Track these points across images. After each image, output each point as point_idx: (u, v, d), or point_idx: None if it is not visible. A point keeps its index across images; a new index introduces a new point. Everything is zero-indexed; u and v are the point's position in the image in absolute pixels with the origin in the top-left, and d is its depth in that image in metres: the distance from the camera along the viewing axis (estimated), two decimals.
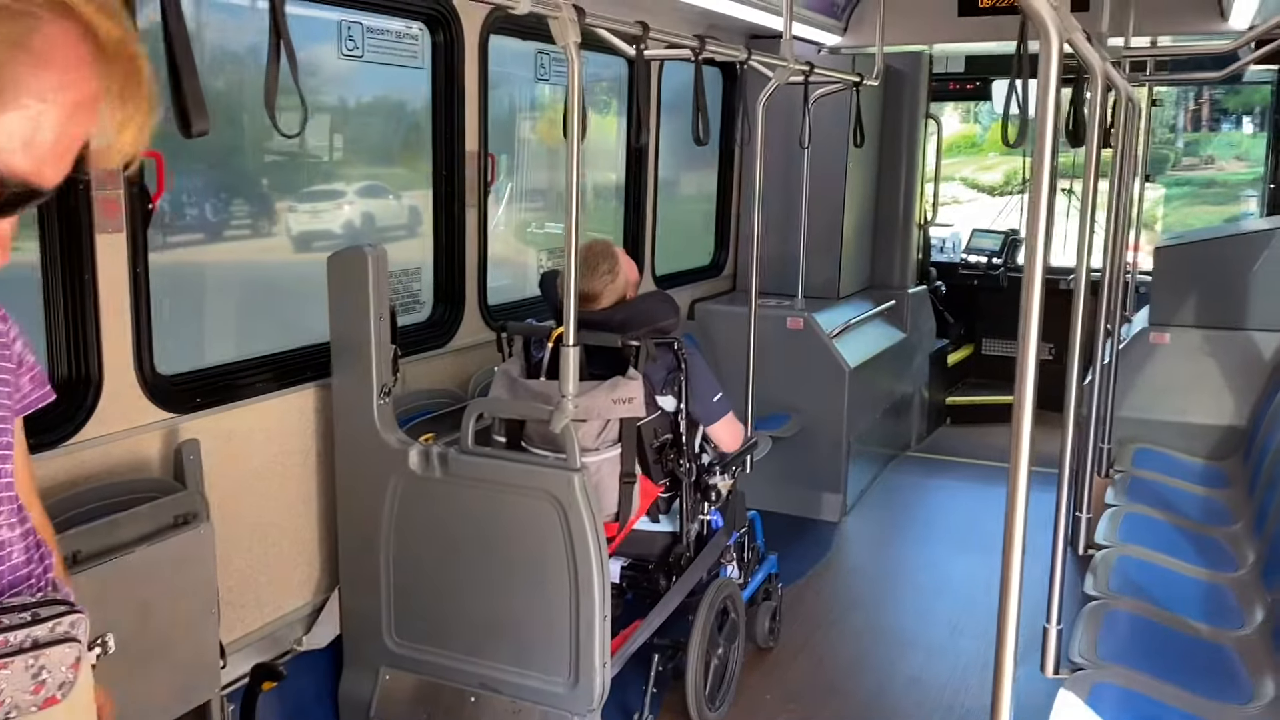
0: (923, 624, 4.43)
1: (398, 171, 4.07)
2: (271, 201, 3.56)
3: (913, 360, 6.65)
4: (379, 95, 3.85)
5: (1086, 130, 3.02)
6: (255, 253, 3.54)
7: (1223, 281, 4.97)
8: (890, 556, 5.36)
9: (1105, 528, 3.88)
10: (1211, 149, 16.67)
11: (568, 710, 2.97)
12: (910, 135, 6.47)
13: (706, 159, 5.93)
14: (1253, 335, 4.92)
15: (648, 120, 3.17)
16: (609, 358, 3.23)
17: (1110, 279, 4.10)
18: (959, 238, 8.53)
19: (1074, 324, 2.71)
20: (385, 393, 3.04)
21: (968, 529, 5.38)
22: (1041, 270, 1.80)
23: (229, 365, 3.06)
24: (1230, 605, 3.40)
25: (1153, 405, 4.98)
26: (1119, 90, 3.63)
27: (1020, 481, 1.84)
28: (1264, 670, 2.92)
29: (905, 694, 3.84)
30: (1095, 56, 2.63)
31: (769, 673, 3.94)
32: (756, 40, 5.15)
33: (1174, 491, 4.43)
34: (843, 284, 6.02)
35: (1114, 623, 3.15)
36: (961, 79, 7.86)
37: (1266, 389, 4.73)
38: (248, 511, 3.02)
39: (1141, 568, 3.59)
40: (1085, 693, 2.67)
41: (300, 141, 3.56)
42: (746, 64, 3.91)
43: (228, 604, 2.79)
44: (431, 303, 3.84)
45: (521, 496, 2.94)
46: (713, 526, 3.64)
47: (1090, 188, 3.16)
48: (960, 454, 6.78)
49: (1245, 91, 12.27)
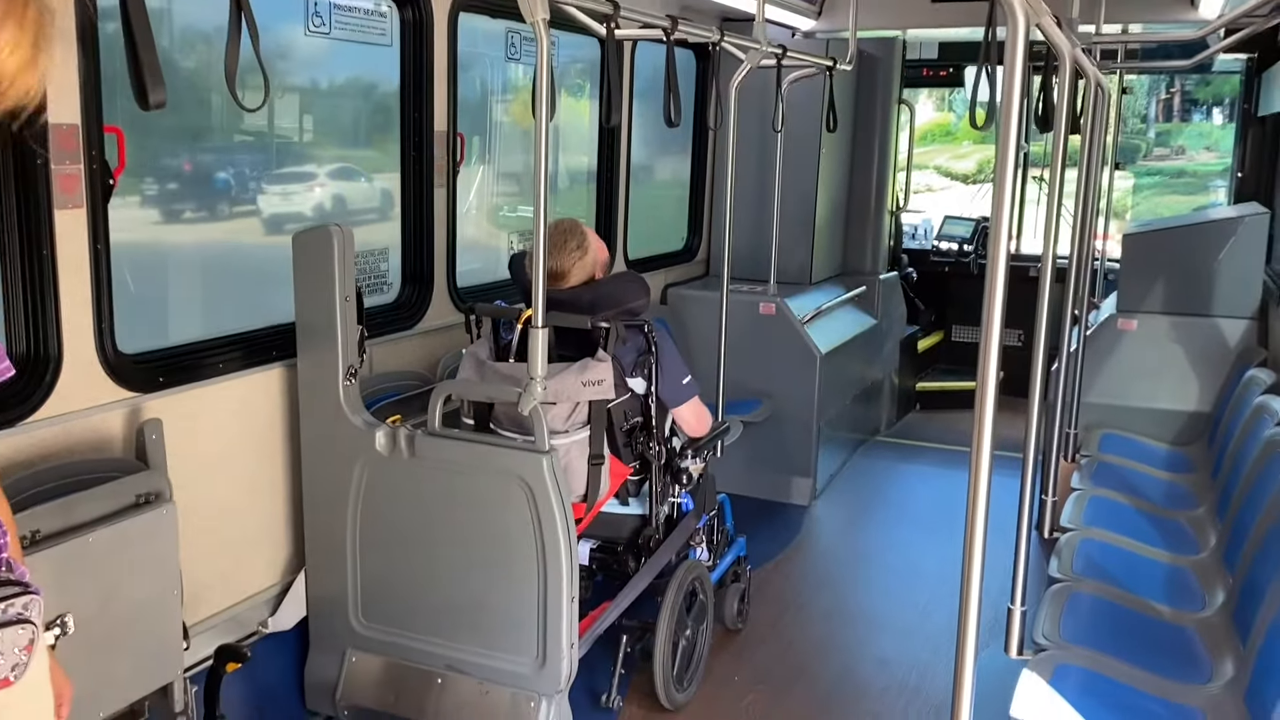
0: (891, 606, 4.47)
1: (366, 153, 4.03)
2: (240, 182, 3.52)
3: (883, 346, 6.68)
4: (349, 75, 3.81)
5: (1056, 116, 3.03)
6: (222, 233, 3.50)
7: (1189, 269, 5.02)
8: (859, 540, 5.40)
9: (1070, 511, 3.92)
10: (1182, 139, 16.83)
11: (535, 691, 2.97)
12: (883, 121, 6.49)
13: (680, 143, 5.91)
14: (1218, 322, 4.97)
15: (619, 101, 3.16)
16: (579, 339, 3.22)
17: (1078, 266, 4.13)
18: (931, 224, 8.57)
19: (1040, 310, 2.73)
20: (351, 374, 3.02)
21: (937, 513, 5.42)
22: (1006, 254, 1.80)
23: (193, 344, 3.03)
24: (1192, 587, 3.44)
25: (1119, 391, 5.03)
26: (1089, 77, 3.65)
27: (983, 465, 1.85)
28: (1224, 651, 2.96)
29: (873, 675, 3.86)
30: (1064, 42, 2.64)
31: (737, 654, 3.96)
32: (730, 23, 5.14)
33: (1139, 476, 4.48)
34: (815, 269, 6.03)
35: (1077, 605, 3.18)
36: (935, 65, 7.88)
37: (1231, 375, 4.79)
38: (212, 492, 2.99)
39: (1105, 550, 3.63)
40: (1048, 673, 2.69)
41: (268, 121, 3.52)
42: (719, 46, 3.89)
43: (191, 585, 2.77)
44: (399, 284, 3.81)
45: (489, 479, 2.93)
46: (683, 509, 3.64)
47: (1058, 174, 3.18)
48: (929, 439, 6.83)
49: (1215, 82, 12.38)
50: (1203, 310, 5.00)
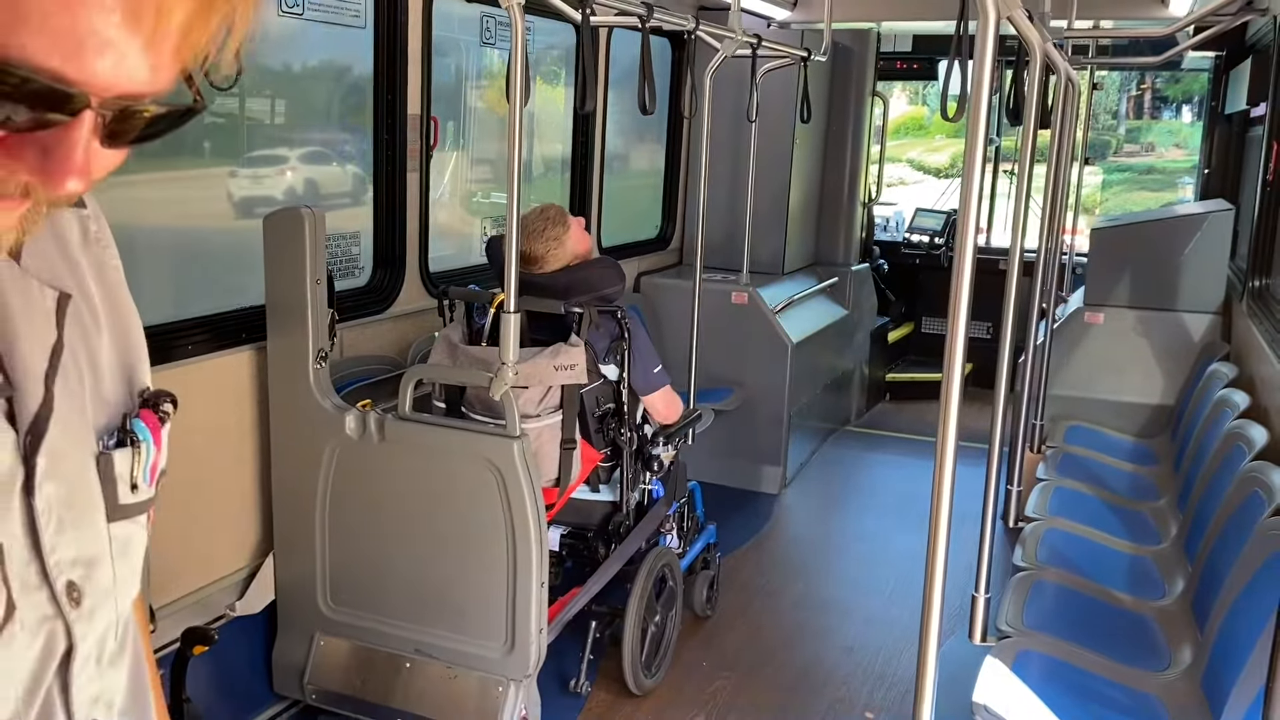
0: (859, 594, 4.51)
1: (338, 135, 4.00)
2: (210, 164, 3.49)
3: (854, 337, 6.72)
4: (321, 58, 3.78)
5: (1026, 110, 3.06)
6: (191, 216, 3.47)
7: (1155, 264, 5.09)
8: (828, 529, 5.44)
9: (1035, 501, 3.97)
10: (1152, 136, 17.01)
11: (503, 675, 2.98)
12: (857, 113, 6.52)
13: (655, 131, 5.91)
14: (1182, 316, 5.04)
15: (594, 88, 3.17)
16: (552, 324, 3.22)
17: (1045, 259, 4.17)
18: (902, 216, 8.63)
19: (1006, 302, 2.76)
20: (322, 357, 3.01)
21: (905, 502, 5.48)
22: (974, 245, 1.83)
23: (162, 326, 3.00)
24: (1152, 576, 3.50)
25: (1085, 383, 5.09)
26: (1059, 72, 3.68)
27: (948, 454, 1.88)
28: (1182, 638, 3.01)
29: (840, 662, 3.90)
30: (1036, 36, 2.66)
31: (706, 641, 3.99)
32: (705, 11, 5.14)
33: (1103, 467, 4.54)
34: (787, 260, 6.06)
35: (1040, 592, 3.23)
36: (908, 58, 7.93)
37: (1194, 369, 4.86)
38: (180, 474, 2.95)
39: (1069, 540, 3.68)
40: (1011, 659, 2.73)
41: (239, 101, 3.48)
42: (694, 34, 3.90)
43: (158, 568, 2.75)
44: (371, 268, 3.80)
45: (460, 463, 2.93)
46: (653, 496, 3.66)
47: (1026, 168, 3.21)
48: (899, 429, 6.88)
49: (1185, 80, 12.52)
50: (1168, 305, 5.07)
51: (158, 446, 0.92)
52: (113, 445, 0.87)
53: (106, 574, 0.85)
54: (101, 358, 0.88)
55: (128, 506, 0.88)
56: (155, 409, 0.93)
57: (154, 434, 0.91)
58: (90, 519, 0.84)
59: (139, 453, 0.89)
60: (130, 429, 0.89)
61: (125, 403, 0.90)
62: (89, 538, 0.83)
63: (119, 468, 0.86)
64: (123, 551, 0.88)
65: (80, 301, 0.86)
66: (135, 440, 0.88)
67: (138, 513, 0.90)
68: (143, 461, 0.89)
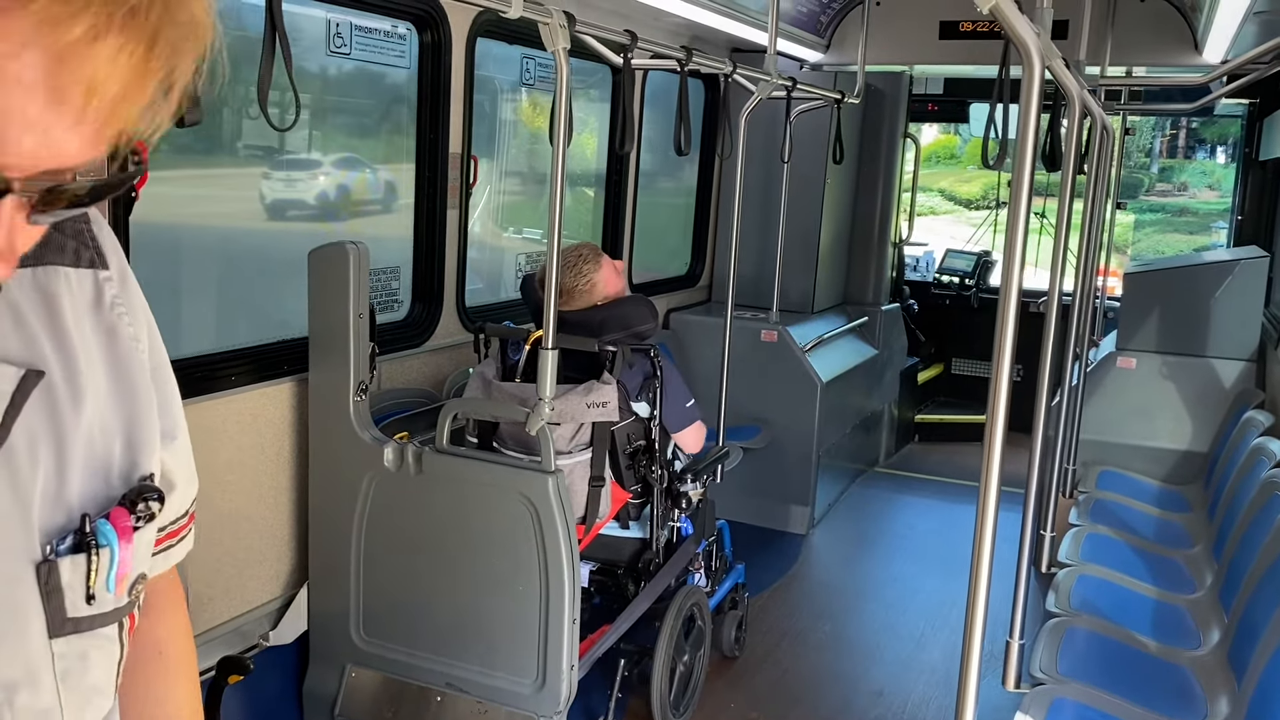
0: (889, 638, 4.48)
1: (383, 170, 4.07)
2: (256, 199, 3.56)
3: (883, 377, 6.71)
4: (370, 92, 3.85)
5: (1062, 155, 3.08)
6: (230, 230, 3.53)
7: (1188, 309, 5.07)
8: (856, 570, 5.41)
9: (1068, 547, 3.94)
10: (1185, 176, 16.91)
11: (534, 712, 2.98)
12: (888, 154, 6.55)
13: (686, 168, 5.97)
14: (1214, 363, 5.01)
15: (632, 129, 3.21)
16: (585, 361, 3.25)
17: (1080, 303, 4.17)
18: (933, 257, 8.63)
19: (1045, 346, 2.76)
20: (362, 390, 3.05)
21: (935, 546, 5.44)
22: (1018, 290, 1.84)
23: (204, 356, 3.05)
24: (1187, 626, 3.46)
25: (1118, 428, 5.06)
26: (1094, 117, 3.70)
27: (990, 500, 1.88)
28: (1219, 689, 2.98)
29: (869, 707, 3.87)
30: (1073, 83, 2.68)
31: (733, 681, 3.97)
32: (740, 54, 5.20)
33: (1136, 514, 4.50)
34: (817, 299, 6.08)
35: (1074, 639, 3.20)
36: (940, 100, 7.96)
37: (1228, 416, 4.82)
38: (219, 503, 3.01)
39: (1102, 587, 3.65)
40: (1045, 707, 2.71)
41: (283, 141, 3.56)
42: (730, 77, 3.95)
43: (195, 596, 2.78)
44: (409, 302, 3.84)
45: (495, 497, 2.95)
46: (682, 534, 3.66)
47: (1065, 213, 3.22)
48: (928, 471, 6.85)
49: (1221, 122, 12.48)
50: (1201, 351, 5.04)
51: (126, 551, 0.78)
52: (65, 549, 0.74)
53: (43, 697, 0.74)
54: (74, 444, 0.76)
55: (80, 620, 0.76)
56: (132, 508, 0.79)
57: (122, 537, 0.77)
58: (15, 636, 0.72)
59: (98, 559, 0.75)
60: (91, 531, 0.75)
61: (98, 496, 0.77)
62: (9, 656, 0.72)
63: (66, 576, 0.74)
64: (77, 669, 0.77)
65: (60, 379, 0.74)
66: (95, 545, 0.75)
67: (101, 625, 0.78)
68: (102, 569, 0.76)
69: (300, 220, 3.86)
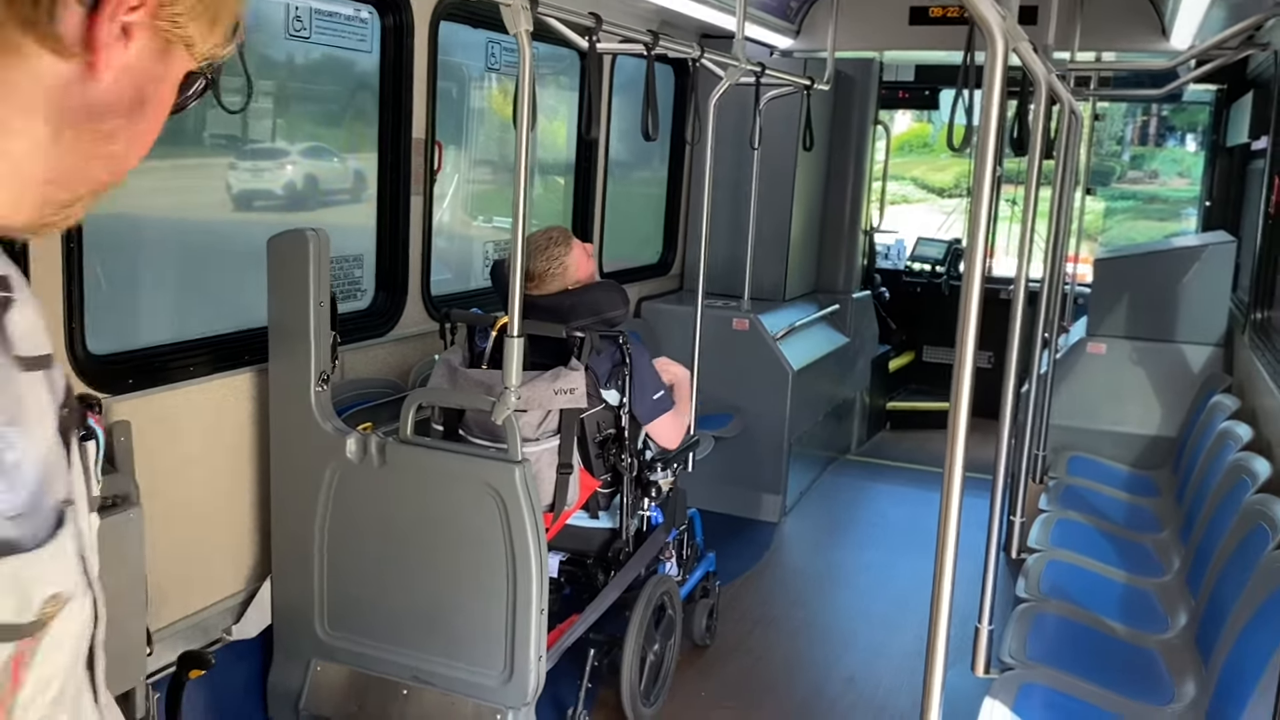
0: (860, 624, 4.48)
1: (343, 157, 4.02)
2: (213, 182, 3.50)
3: (855, 365, 6.72)
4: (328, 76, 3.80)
5: (1030, 140, 3.07)
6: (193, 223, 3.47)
7: (1157, 295, 5.09)
8: (828, 558, 5.41)
9: (1038, 532, 3.95)
10: (1156, 164, 17.00)
11: (501, 704, 2.95)
12: (859, 141, 6.54)
13: (657, 156, 5.93)
14: (1182, 348, 5.04)
15: (599, 113, 3.18)
16: (554, 347, 3.21)
17: (1049, 289, 4.18)
18: (904, 245, 8.64)
19: (1011, 332, 2.75)
20: (323, 380, 3.00)
21: (906, 532, 5.45)
22: (981, 276, 1.82)
23: (164, 346, 3.00)
24: (1155, 609, 3.48)
25: (1088, 414, 5.08)
26: (1063, 103, 3.70)
27: (955, 485, 1.86)
28: (1186, 672, 2.99)
29: (841, 694, 3.87)
30: (1040, 67, 2.67)
31: (705, 670, 3.95)
32: (709, 39, 5.17)
33: (1105, 499, 4.52)
34: (788, 287, 6.06)
35: (1043, 624, 3.20)
36: (911, 87, 7.96)
37: (1196, 401, 4.85)
38: (179, 496, 2.96)
39: (1071, 572, 3.66)
40: (1013, 692, 2.71)
41: (243, 125, 3.50)
42: (699, 62, 3.91)
43: (156, 590, 2.73)
44: (373, 290, 3.79)
45: (461, 488, 2.92)
46: (652, 523, 3.64)
47: (1032, 198, 3.21)
48: (899, 459, 6.86)
49: (1190, 109, 12.55)
50: (1170, 336, 5.06)
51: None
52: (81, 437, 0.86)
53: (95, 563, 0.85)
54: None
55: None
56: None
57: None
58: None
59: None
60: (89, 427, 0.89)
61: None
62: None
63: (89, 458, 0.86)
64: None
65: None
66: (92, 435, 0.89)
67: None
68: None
69: (267, 210, 3.80)
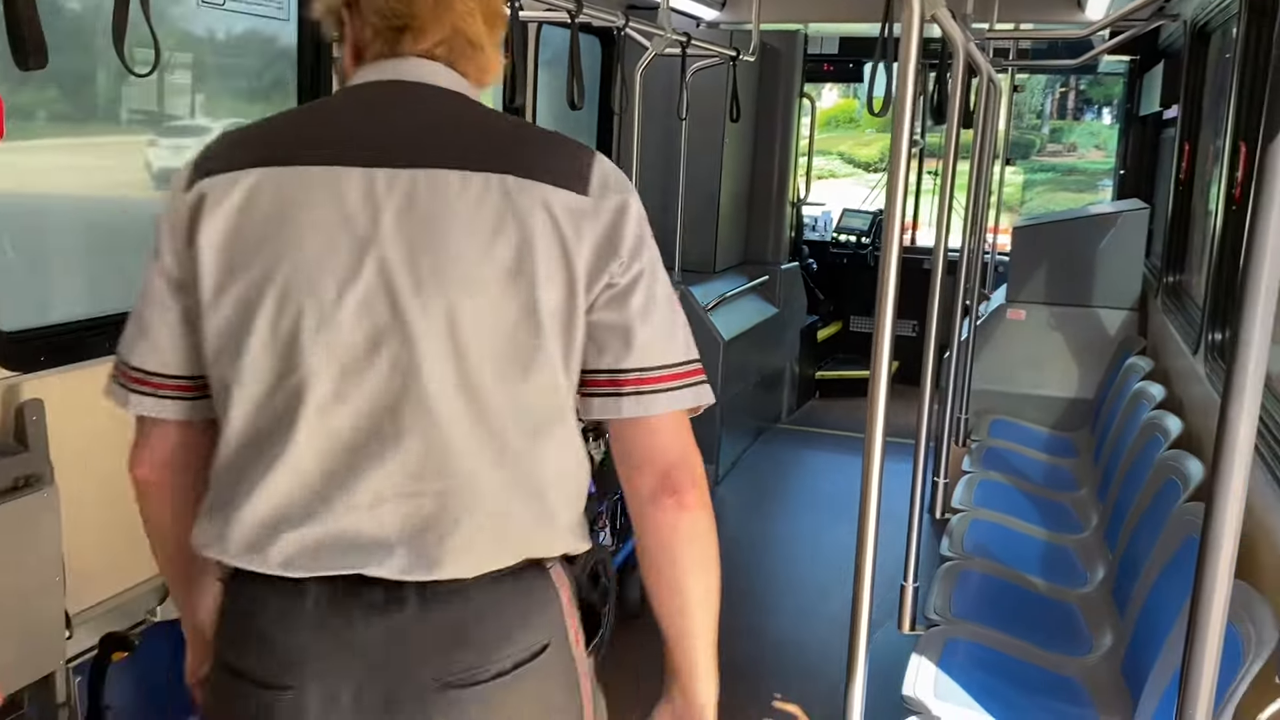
0: (792, 590, 4.55)
1: None
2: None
3: (784, 335, 6.79)
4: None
5: (949, 109, 3.11)
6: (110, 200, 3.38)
7: (1074, 261, 5.22)
8: (761, 525, 5.48)
9: (961, 493, 4.05)
10: (1074, 137, 17.37)
11: None
12: (785, 113, 6.58)
13: (584, 128, 5.90)
14: (1100, 312, 5.18)
15: (523, 83, 3.15)
16: None
17: (968, 257, 4.26)
18: (830, 217, 8.73)
19: (931, 299, 2.81)
20: None
21: (836, 498, 5.53)
22: (899, 244, 1.85)
23: (78, 323, 2.91)
24: (1075, 565, 3.59)
25: (1008, 378, 5.20)
26: (981, 72, 3.76)
27: (875, 449, 1.90)
28: (1103, 623, 3.09)
29: (774, 657, 3.93)
30: (958, 35, 2.71)
31: (638, 639, 3.97)
32: (635, 10, 5.15)
33: (1026, 459, 4.65)
34: (718, 258, 6.10)
35: (967, 582, 3.29)
36: (836, 60, 8.02)
37: (1112, 363, 5.00)
38: (99, 476, 2.86)
39: (994, 530, 3.76)
40: (939, 648, 2.78)
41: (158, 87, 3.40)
42: (623, 31, 3.90)
43: (75, 572, 2.66)
44: None
45: None
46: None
47: (950, 167, 3.27)
48: (829, 426, 6.97)
49: (1107, 83, 12.82)
50: (1087, 301, 5.20)
51: None
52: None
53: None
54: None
55: None
56: None
57: None
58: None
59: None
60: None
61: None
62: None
63: None
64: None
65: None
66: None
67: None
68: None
69: None
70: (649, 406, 1.32)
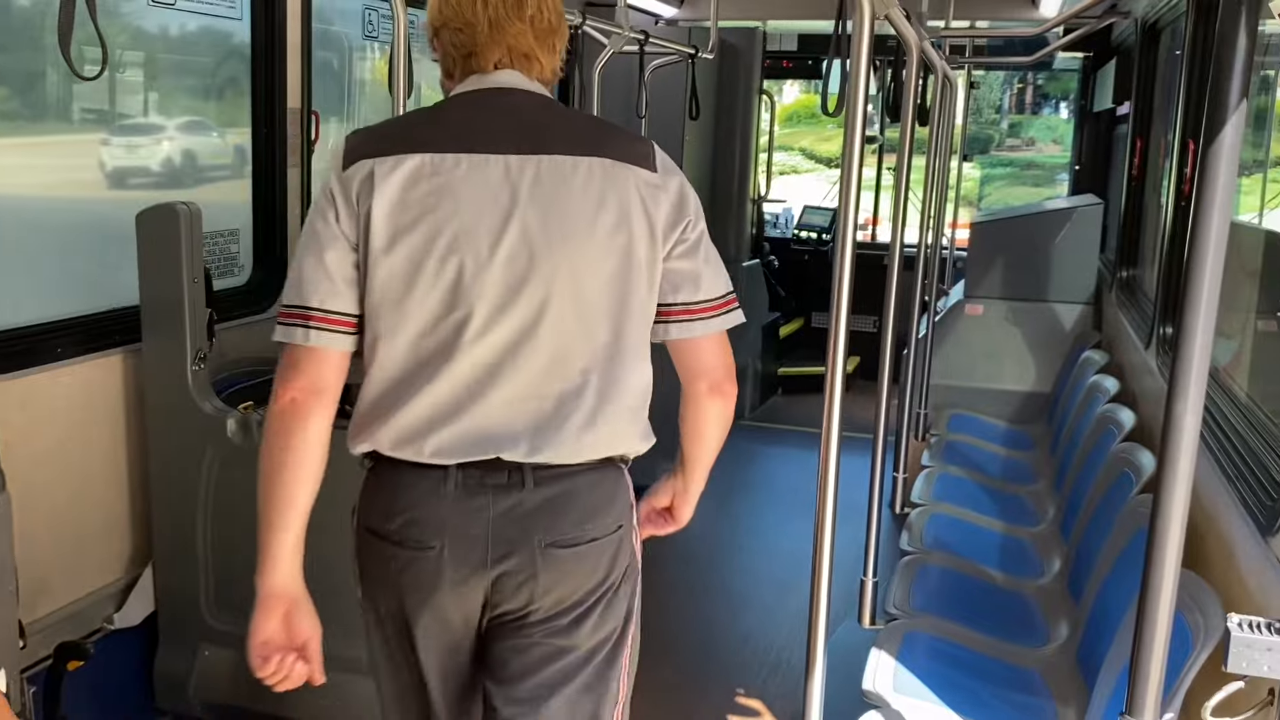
0: (754, 585, 4.57)
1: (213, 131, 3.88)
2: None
3: (746, 332, 6.80)
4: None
5: (903, 107, 3.14)
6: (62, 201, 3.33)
7: (1030, 256, 5.28)
8: (723, 520, 5.49)
9: (920, 487, 4.08)
10: (1032, 131, 17.53)
11: None
12: (745, 111, 6.60)
13: None
14: (1056, 307, 5.25)
15: None
16: None
17: (926, 253, 4.30)
18: (791, 214, 8.77)
19: (887, 295, 2.83)
20: (200, 359, 2.91)
21: (799, 494, 5.56)
22: (853, 240, 1.86)
23: (28, 328, 2.87)
24: (1031, 557, 3.63)
25: (967, 373, 5.25)
26: (936, 70, 3.79)
27: (832, 444, 1.91)
28: (1059, 614, 3.13)
29: (736, 652, 3.95)
30: (912, 34, 2.73)
31: None
32: (592, 7, 5.14)
33: (983, 453, 4.69)
34: None
35: (926, 576, 3.31)
36: (795, 57, 8.06)
37: (1068, 357, 5.06)
38: (51, 483, 2.84)
39: (953, 524, 3.79)
40: (898, 641, 2.80)
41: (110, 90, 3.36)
42: (581, 29, 3.89)
43: (28, 581, 2.62)
44: (251, 266, 3.69)
45: (344, 463, 2.86)
46: None
47: (904, 164, 3.29)
48: (791, 422, 7.00)
49: (1063, 78, 12.95)
50: (1043, 295, 5.27)
51: None
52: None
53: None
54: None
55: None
56: None
57: None
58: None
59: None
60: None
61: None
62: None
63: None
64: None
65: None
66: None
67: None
68: None
69: (142, 188, 3.66)
70: (713, 327, 1.84)
